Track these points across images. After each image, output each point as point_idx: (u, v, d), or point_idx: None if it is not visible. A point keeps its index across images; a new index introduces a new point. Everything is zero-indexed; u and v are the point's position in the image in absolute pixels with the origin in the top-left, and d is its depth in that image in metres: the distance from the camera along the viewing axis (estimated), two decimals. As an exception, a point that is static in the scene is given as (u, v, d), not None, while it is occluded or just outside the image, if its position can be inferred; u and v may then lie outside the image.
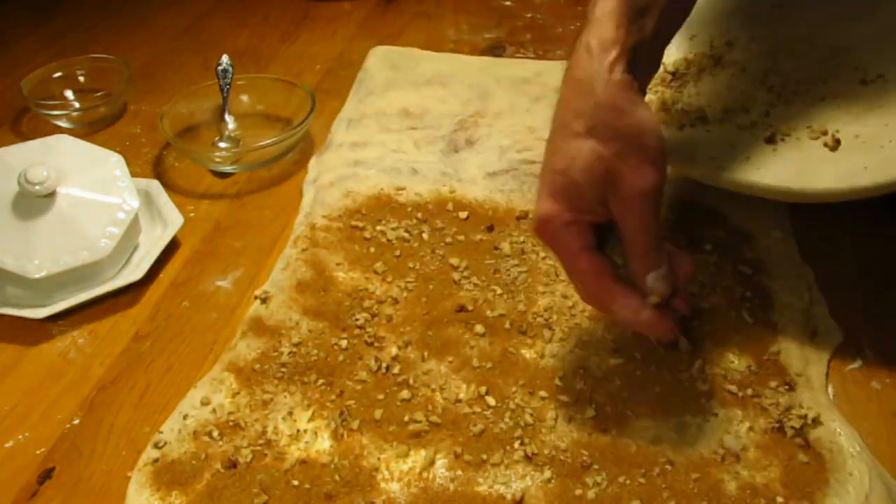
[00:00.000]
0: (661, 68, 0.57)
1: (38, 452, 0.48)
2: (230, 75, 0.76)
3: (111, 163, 0.62)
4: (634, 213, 0.42)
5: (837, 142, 0.53)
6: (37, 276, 0.56)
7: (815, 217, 0.62)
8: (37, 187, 0.57)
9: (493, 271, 0.58)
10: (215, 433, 0.47)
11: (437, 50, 0.90)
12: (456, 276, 0.57)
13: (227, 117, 0.76)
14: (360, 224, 0.63)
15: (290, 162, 0.73)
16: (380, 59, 0.87)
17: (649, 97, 0.63)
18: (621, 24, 0.43)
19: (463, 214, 0.63)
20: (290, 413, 0.48)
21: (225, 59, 0.76)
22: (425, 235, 0.61)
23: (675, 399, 0.48)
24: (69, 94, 0.83)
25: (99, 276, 0.59)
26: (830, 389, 0.49)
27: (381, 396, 0.49)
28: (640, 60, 0.44)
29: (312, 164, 0.72)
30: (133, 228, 0.61)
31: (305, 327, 0.54)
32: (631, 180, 0.41)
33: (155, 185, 0.67)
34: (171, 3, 1.01)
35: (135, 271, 0.59)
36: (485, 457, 0.45)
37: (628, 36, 0.43)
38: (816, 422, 0.46)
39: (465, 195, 0.66)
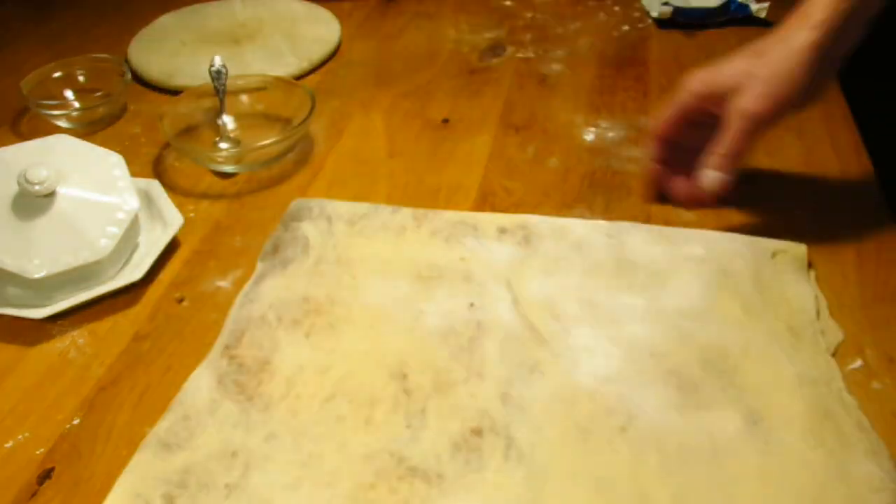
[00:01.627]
0: None
1: (37, 452, 0.48)
2: (224, 76, 0.76)
3: (111, 163, 0.62)
4: (730, 124, 0.54)
5: None
6: (37, 276, 0.56)
7: (815, 215, 0.62)
8: (37, 187, 0.57)
9: None
10: None
11: (438, 50, 0.90)
12: None
13: (225, 118, 0.76)
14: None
15: (290, 162, 0.73)
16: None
17: None
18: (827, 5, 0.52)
19: None
20: None
21: (217, 60, 0.76)
22: None
23: None
24: (69, 94, 0.83)
25: (99, 276, 0.59)
26: (830, 389, 0.49)
27: None
28: (847, 29, 0.52)
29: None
30: (133, 228, 0.61)
31: None
32: (748, 99, 0.53)
33: (155, 185, 0.67)
34: (171, 3, 1.01)
35: (135, 271, 0.59)
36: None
37: (838, 4, 0.51)
38: None
39: None
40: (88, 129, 0.79)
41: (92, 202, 0.59)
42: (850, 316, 0.54)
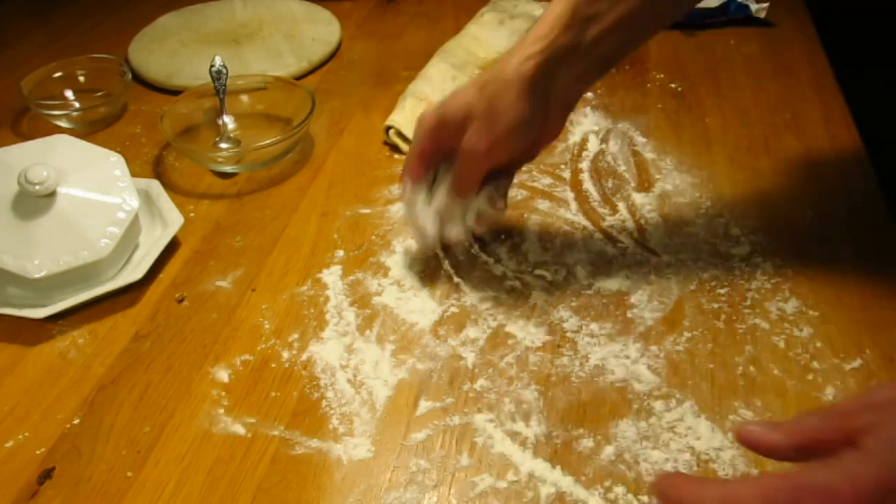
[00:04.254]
0: None
1: (38, 452, 0.48)
2: (224, 76, 0.76)
3: (111, 163, 0.62)
4: (460, 161, 0.54)
5: None
6: (37, 276, 0.56)
7: (815, 215, 0.63)
8: (37, 187, 0.57)
9: None
10: None
11: (436, 50, 0.90)
12: None
13: (225, 118, 0.76)
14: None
15: (290, 162, 0.73)
16: None
17: None
18: (555, 27, 0.50)
19: None
20: None
21: (218, 60, 0.76)
22: None
23: None
24: (69, 94, 0.83)
25: (99, 276, 0.59)
26: (830, 389, 0.49)
27: None
28: (569, 63, 0.52)
29: None
30: (133, 228, 0.61)
31: None
32: (469, 136, 0.52)
33: (155, 185, 0.67)
34: (171, 3, 1.01)
35: (135, 271, 0.59)
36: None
37: (556, 38, 0.50)
38: None
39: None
40: (89, 129, 0.79)
41: (92, 202, 0.59)
42: (850, 316, 0.54)
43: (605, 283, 0.58)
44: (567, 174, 0.70)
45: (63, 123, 0.79)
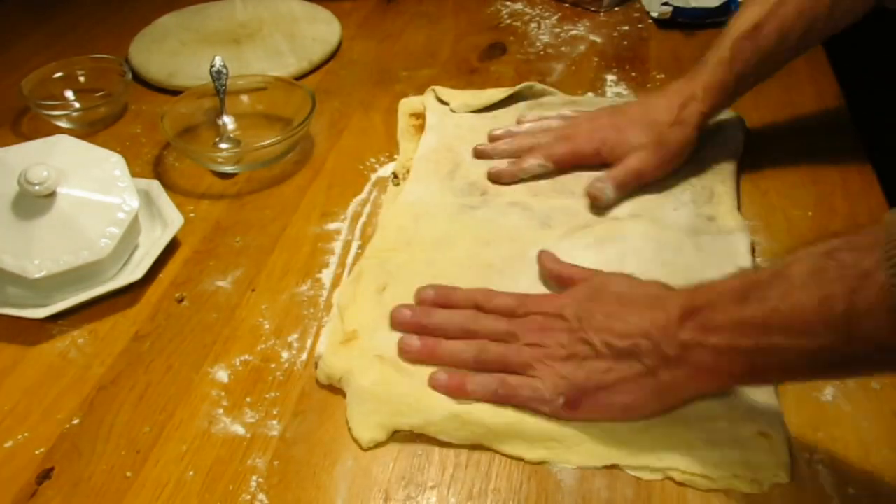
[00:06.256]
0: None
1: (37, 452, 0.48)
2: (225, 77, 0.76)
3: (111, 163, 0.62)
4: (628, 172, 0.65)
5: None
6: (37, 276, 0.56)
7: (815, 216, 0.62)
8: (37, 187, 0.57)
9: None
10: None
11: (438, 50, 0.90)
12: None
13: (225, 118, 0.76)
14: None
15: (290, 162, 0.73)
16: None
17: None
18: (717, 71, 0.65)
19: None
20: None
21: (218, 60, 0.76)
22: None
23: None
24: (69, 94, 0.83)
25: (99, 276, 0.59)
26: (829, 389, 0.49)
27: None
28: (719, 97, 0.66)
29: None
30: (133, 228, 0.61)
31: None
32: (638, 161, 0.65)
33: (155, 185, 0.67)
34: (172, 3, 1.01)
35: (135, 271, 0.59)
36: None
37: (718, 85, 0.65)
38: None
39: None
40: (89, 129, 0.79)
41: (92, 202, 0.59)
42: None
43: None
44: (567, 174, 0.70)
45: (63, 123, 0.79)
